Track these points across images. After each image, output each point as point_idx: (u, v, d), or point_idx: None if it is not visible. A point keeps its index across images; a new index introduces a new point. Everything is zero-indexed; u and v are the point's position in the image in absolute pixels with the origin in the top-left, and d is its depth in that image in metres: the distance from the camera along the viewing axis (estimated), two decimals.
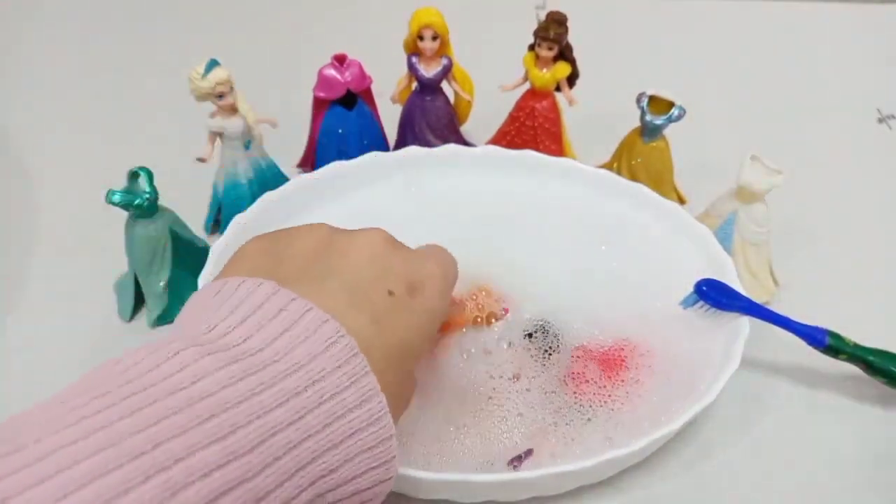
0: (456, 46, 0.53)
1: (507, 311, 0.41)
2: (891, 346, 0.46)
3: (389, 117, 0.56)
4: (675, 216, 0.46)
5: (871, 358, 0.39)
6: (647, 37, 0.77)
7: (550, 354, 0.40)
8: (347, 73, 0.51)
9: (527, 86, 0.54)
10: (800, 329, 0.39)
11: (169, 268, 0.45)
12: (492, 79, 0.54)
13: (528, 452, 0.35)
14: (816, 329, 0.38)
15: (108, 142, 0.62)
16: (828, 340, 0.38)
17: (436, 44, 0.50)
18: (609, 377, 0.39)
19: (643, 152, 0.51)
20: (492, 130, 0.57)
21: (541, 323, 0.42)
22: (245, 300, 0.25)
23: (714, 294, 0.39)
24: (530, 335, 0.41)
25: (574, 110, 0.54)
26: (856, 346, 0.39)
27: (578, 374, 0.39)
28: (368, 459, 0.25)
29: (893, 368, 0.39)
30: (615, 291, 0.44)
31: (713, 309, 0.39)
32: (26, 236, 0.53)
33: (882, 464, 0.40)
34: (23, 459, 0.19)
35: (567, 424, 0.37)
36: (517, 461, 0.35)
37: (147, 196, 0.43)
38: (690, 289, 0.42)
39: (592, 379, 0.39)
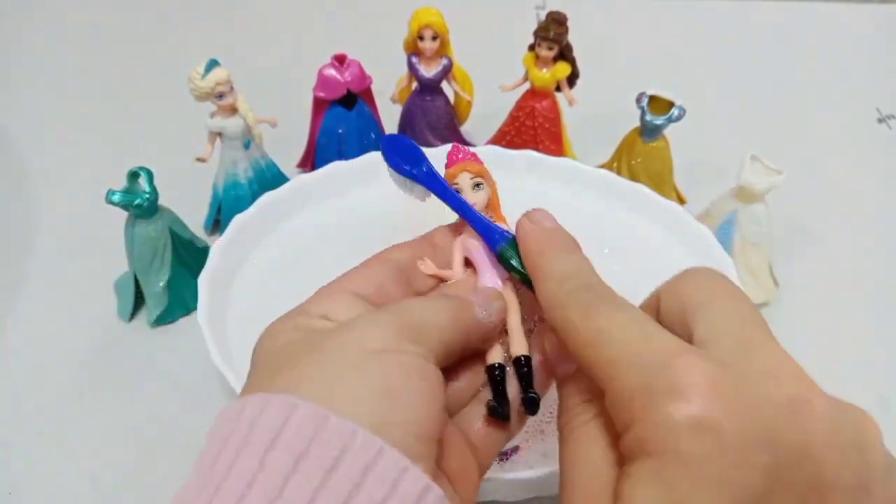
0: (456, 46, 0.53)
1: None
2: (891, 346, 0.46)
3: (389, 117, 0.56)
4: (675, 216, 0.46)
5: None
6: (647, 37, 0.77)
7: None
8: (347, 73, 0.51)
9: (527, 86, 0.54)
10: (481, 224, 0.29)
11: (169, 268, 0.45)
12: (492, 79, 0.54)
13: (515, 449, 0.35)
14: (497, 231, 0.28)
15: (108, 142, 0.62)
16: (499, 248, 0.28)
17: (436, 44, 0.50)
18: None
19: (643, 152, 0.51)
20: (492, 130, 0.57)
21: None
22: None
23: (395, 155, 0.30)
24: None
25: (574, 110, 0.54)
26: (522, 275, 0.27)
27: None
28: None
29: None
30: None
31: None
32: (26, 236, 0.53)
33: None
34: None
35: None
36: (504, 456, 0.35)
37: (147, 196, 0.43)
38: None
39: None
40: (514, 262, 0.27)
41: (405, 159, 0.30)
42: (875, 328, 0.47)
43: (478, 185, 0.30)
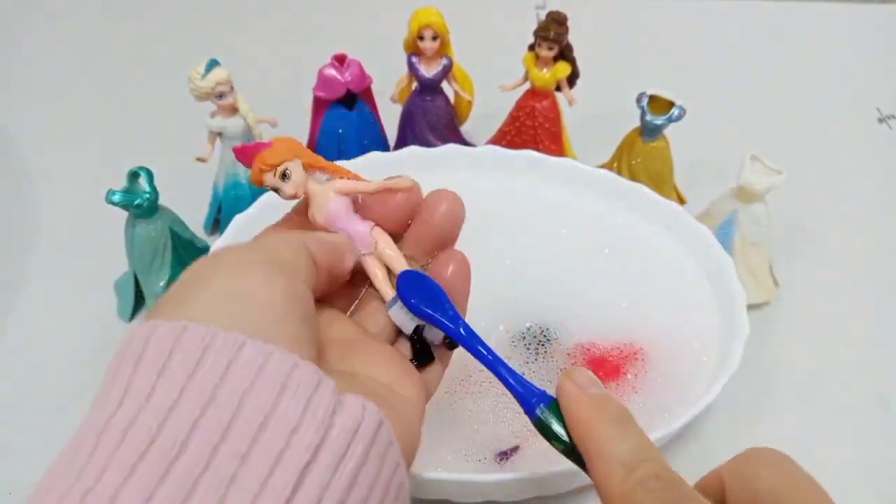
0: (456, 46, 0.53)
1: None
2: (891, 346, 0.46)
3: (389, 117, 0.56)
4: (675, 216, 0.46)
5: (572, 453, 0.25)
6: (647, 37, 0.77)
7: (545, 355, 0.40)
8: (347, 73, 0.51)
9: (527, 86, 0.54)
10: (515, 383, 0.26)
11: (169, 268, 0.45)
12: (492, 79, 0.54)
13: (515, 449, 0.35)
14: (533, 391, 0.26)
15: (108, 142, 0.62)
16: (538, 413, 0.25)
17: (436, 44, 0.50)
18: (607, 378, 0.39)
19: (643, 152, 0.51)
20: (492, 130, 0.57)
21: (537, 324, 0.42)
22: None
23: (414, 294, 0.27)
24: (524, 337, 0.41)
25: (574, 110, 0.54)
26: (567, 447, 0.25)
27: None
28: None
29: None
30: (614, 292, 0.44)
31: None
32: (26, 236, 0.53)
33: (881, 464, 0.40)
34: None
35: None
36: (504, 456, 0.35)
37: (147, 196, 0.43)
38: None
39: None
40: (556, 429, 0.25)
41: (425, 301, 0.27)
42: (875, 328, 0.47)
43: (284, 174, 0.27)
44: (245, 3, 0.82)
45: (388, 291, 0.27)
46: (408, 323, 0.27)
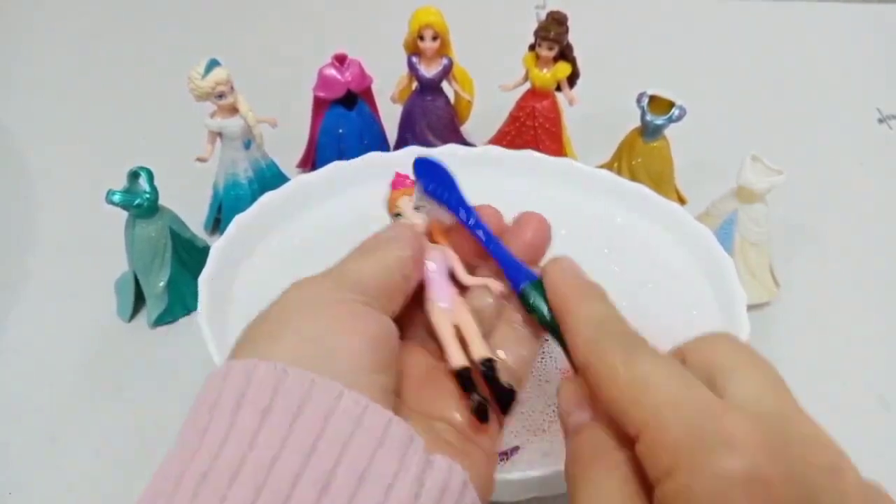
0: (456, 46, 0.53)
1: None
2: (891, 346, 0.46)
3: (390, 117, 0.56)
4: (675, 216, 0.46)
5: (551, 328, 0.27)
6: (647, 37, 0.77)
7: (544, 355, 0.40)
8: (347, 73, 0.51)
9: (527, 85, 0.54)
10: (506, 260, 0.28)
11: (169, 268, 0.45)
12: (492, 79, 0.54)
13: (515, 449, 0.35)
14: (522, 270, 0.28)
15: (108, 142, 0.62)
16: (523, 288, 0.27)
17: (436, 44, 0.50)
18: None
19: (644, 152, 0.51)
20: (492, 130, 0.57)
21: None
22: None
23: (429, 178, 0.29)
24: None
25: (574, 110, 0.54)
26: (543, 316, 0.27)
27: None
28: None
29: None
30: (614, 292, 0.43)
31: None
32: (26, 236, 0.53)
33: (881, 464, 0.40)
34: None
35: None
36: (504, 456, 0.35)
37: (147, 196, 0.43)
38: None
39: None
40: (535, 301, 0.27)
41: (438, 182, 0.29)
42: (875, 328, 0.47)
43: (397, 214, 0.30)
44: (245, 2, 0.82)
45: (458, 356, 0.26)
46: (426, 204, 0.29)
